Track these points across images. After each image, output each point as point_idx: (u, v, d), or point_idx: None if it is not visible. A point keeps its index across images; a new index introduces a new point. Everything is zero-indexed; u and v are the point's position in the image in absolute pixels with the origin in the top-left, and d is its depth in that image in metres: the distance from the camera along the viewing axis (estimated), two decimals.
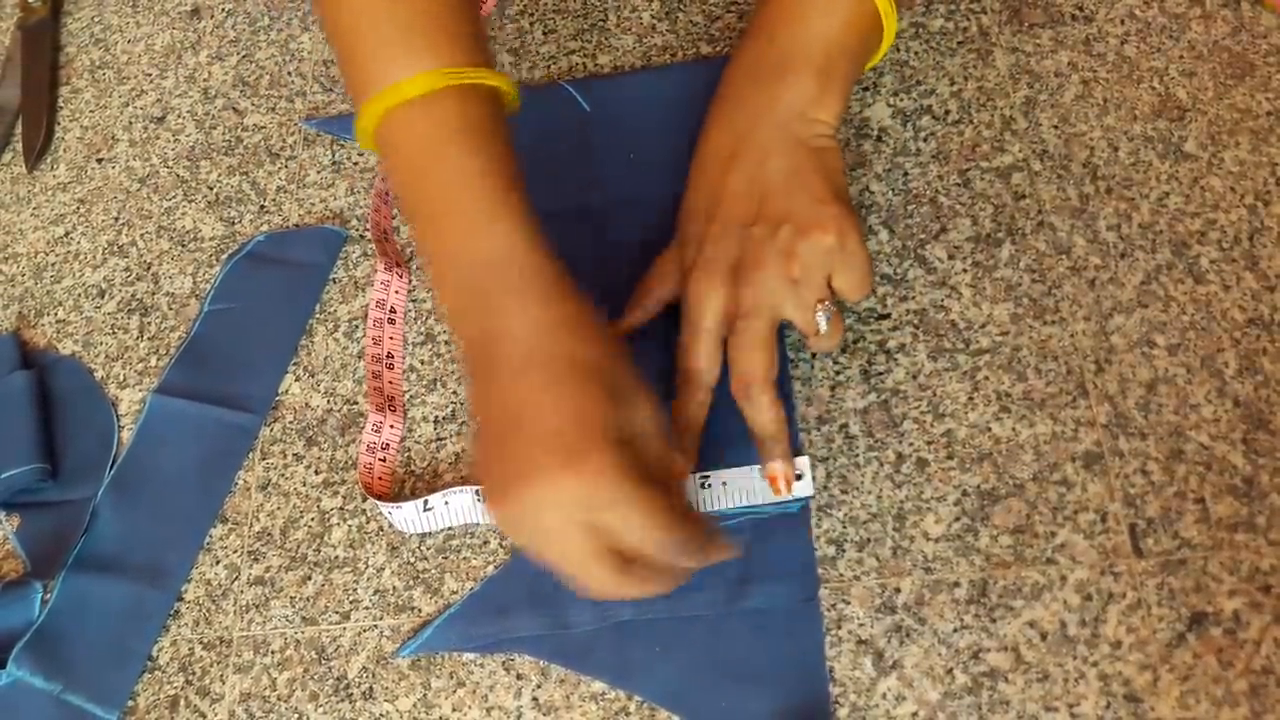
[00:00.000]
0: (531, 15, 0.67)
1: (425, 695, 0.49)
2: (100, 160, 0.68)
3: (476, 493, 0.51)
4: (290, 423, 0.57)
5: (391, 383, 0.57)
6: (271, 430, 0.57)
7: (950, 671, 0.46)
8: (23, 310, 0.64)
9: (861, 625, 0.47)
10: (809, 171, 0.48)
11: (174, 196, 0.66)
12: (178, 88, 0.70)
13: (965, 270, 0.54)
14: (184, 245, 0.64)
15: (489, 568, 0.51)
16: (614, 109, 0.62)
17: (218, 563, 0.54)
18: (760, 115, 0.49)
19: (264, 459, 0.56)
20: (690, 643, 0.48)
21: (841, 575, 0.48)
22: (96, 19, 0.75)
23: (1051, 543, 0.47)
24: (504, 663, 0.49)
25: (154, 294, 0.62)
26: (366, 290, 0.60)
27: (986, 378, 0.51)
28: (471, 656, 0.50)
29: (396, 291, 0.59)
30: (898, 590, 0.48)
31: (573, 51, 0.65)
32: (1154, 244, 0.53)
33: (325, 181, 0.64)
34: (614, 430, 0.41)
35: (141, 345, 0.61)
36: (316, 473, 0.55)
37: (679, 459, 0.45)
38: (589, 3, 0.66)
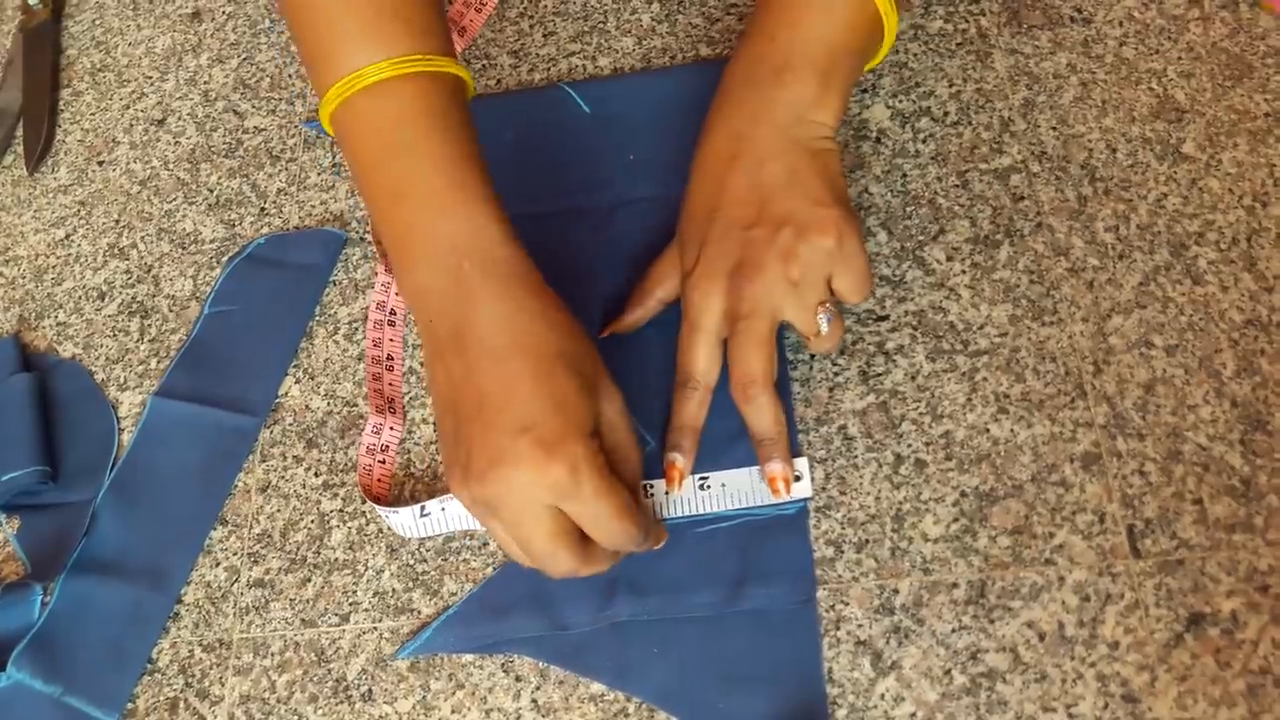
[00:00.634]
0: (531, 18, 0.67)
1: (424, 697, 0.49)
2: (101, 163, 0.69)
3: None
4: (290, 425, 0.57)
5: (391, 384, 0.57)
6: (271, 432, 0.57)
7: (948, 672, 0.46)
8: (23, 313, 0.64)
9: (860, 626, 0.47)
10: (809, 173, 0.48)
11: (174, 199, 0.66)
12: (178, 90, 0.70)
13: (964, 271, 0.54)
14: (184, 247, 0.64)
15: (488, 569, 0.51)
16: (614, 111, 0.62)
17: (217, 565, 0.54)
18: (760, 117, 0.49)
19: (264, 461, 0.56)
20: (688, 644, 0.48)
21: (840, 576, 0.48)
22: (97, 22, 0.75)
23: (1050, 543, 0.48)
24: (503, 664, 0.49)
25: (154, 296, 0.63)
26: (366, 292, 0.60)
27: (985, 379, 0.51)
28: (470, 658, 0.50)
29: (396, 293, 0.59)
30: (896, 591, 0.48)
31: (572, 54, 0.65)
32: (1152, 245, 0.53)
33: (325, 184, 0.64)
34: (589, 422, 0.43)
35: (142, 347, 0.61)
36: (316, 475, 0.55)
37: (636, 452, 0.47)
38: (589, 5, 0.66)
